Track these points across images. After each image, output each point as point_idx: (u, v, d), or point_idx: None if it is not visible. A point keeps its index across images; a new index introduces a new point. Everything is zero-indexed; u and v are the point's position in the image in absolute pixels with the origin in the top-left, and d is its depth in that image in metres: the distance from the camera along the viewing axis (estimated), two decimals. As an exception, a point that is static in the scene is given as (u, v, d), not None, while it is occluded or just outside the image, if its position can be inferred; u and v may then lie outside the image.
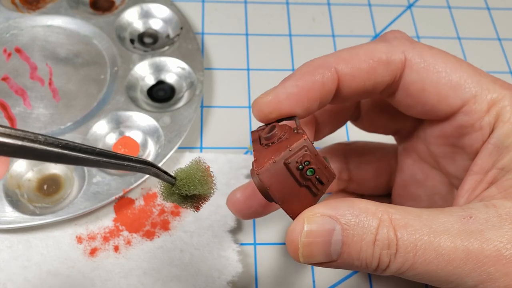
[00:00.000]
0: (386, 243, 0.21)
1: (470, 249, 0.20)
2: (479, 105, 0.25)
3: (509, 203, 0.22)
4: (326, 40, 0.49)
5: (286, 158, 0.22)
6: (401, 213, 0.21)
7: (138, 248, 0.35)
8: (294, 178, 0.22)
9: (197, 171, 0.22)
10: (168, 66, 0.43)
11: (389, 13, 0.52)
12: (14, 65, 0.42)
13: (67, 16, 0.45)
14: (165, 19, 0.46)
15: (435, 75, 0.25)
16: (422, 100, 0.26)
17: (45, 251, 0.35)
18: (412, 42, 0.27)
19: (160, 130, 0.39)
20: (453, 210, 0.22)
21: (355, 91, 0.26)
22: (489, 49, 0.50)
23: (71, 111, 0.41)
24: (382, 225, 0.21)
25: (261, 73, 0.46)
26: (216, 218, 0.37)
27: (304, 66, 0.26)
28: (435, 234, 0.21)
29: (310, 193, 0.23)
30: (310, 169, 0.22)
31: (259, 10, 0.51)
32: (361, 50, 0.26)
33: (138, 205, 0.37)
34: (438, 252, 0.20)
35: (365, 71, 0.26)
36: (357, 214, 0.21)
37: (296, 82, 0.25)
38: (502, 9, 0.54)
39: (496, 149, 0.24)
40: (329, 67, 0.25)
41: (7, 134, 0.15)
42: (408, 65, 0.26)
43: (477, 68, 0.26)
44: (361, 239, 0.21)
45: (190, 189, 0.21)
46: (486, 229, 0.21)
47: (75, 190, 0.37)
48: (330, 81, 0.25)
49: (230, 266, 0.35)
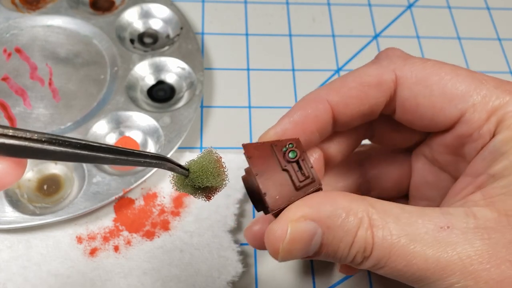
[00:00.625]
0: (363, 246, 0.22)
1: (440, 260, 0.21)
2: (478, 114, 0.25)
3: (489, 214, 0.22)
4: (326, 40, 0.49)
5: (273, 143, 0.24)
6: (381, 214, 0.22)
7: (138, 248, 0.35)
8: (277, 158, 0.23)
9: (210, 163, 0.22)
10: (168, 66, 0.43)
11: (389, 13, 0.52)
12: (14, 65, 0.42)
13: (67, 16, 0.45)
14: (165, 19, 0.46)
15: (427, 89, 0.25)
16: (418, 115, 0.26)
17: (45, 251, 0.35)
18: (404, 58, 0.27)
19: (160, 130, 0.39)
20: (433, 215, 0.22)
21: (352, 117, 0.27)
22: (489, 49, 0.50)
23: (71, 111, 0.41)
24: (361, 227, 0.22)
25: (261, 73, 0.46)
26: (216, 218, 0.37)
27: (299, 102, 0.27)
28: (410, 240, 0.21)
29: (291, 181, 0.23)
30: (293, 151, 0.23)
31: (259, 10, 0.51)
32: (350, 77, 0.27)
33: (138, 205, 0.37)
34: (408, 261, 0.21)
35: (356, 97, 0.26)
36: (339, 215, 0.22)
37: (290, 118, 0.27)
38: (502, 9, 0.54)
39: (491, 154, 0.24)
40: (321, 99, 0.27)
41: (28, 138, 0.16)
42: (400, 82, 0.26)
43: (477, 74, 0.26)
44: (340, 241, 0.22)
45: (203, 182, 0.22)
46: (460, 242, 0.21)
47: (75, 190, 0.37)
48: (323, 113, 0.26)
49: (230, 266, 0.35)
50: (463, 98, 0.25)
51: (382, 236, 0.21)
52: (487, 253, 0.21)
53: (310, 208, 0.22)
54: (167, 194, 0.38)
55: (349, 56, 0.48)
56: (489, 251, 0.21)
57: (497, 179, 0.23)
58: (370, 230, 0.22)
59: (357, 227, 0.22)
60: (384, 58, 0.27)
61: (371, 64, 0.28)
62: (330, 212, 0.22)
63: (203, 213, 0.37)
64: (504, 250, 0.21)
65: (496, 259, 0.21)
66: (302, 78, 0.46)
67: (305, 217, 0.22)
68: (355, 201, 0.22)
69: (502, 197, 0.23)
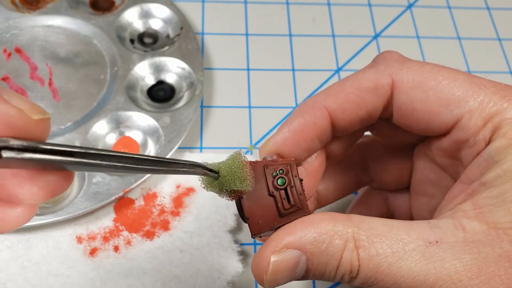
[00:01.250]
0: (349, 268, 0.22)
1: (428, 277, 0.21)
2: (474, 120, 0.24)
3: (478, 227, 0.22)
4: (326, 40, 0.49)
5: (267, 164, 0.24)
6: (367, 233, 0.22)
7: (138, 248, 0.35)
8: (266, 182, 0.23)
9: (238, 168, 0.23)
10: (168, 66, 0.43)
11: (389, 13, 0.52)
12: (14, 65, 0.42)
13: (67, 16, 0.45)
14: (165, 19, 0.46)
15: (424, 94, 0.25)
16: (414, 119, 0.26)
17: (45, 251, 0.35)
18: (401, 62, 0.27)
19: (160, 130, 0.39)
20: (421, 230, 0.22)
21: (351, 122, 0.27)
22: (489, 49, 0.50)
23: (71, 111, 0.41)
24: (347, 250, 0.22)
25: (261, 73, 0.46)
26: (216, 218, 0.37)
27: (296, 109, 0.27)
28: (397, 258, 0.21)
29: (275, 208, 0.23)
30: (282, 178, 0.23)
31: (259, 10, 0.51)
32: (347, 82, 0.27)
33: (138, 205, 0.37)
34: (396, 279, 0.21)
35: (353, 103, 0.26)
36: (323, 240, 0.22)
37: (289, 127, 0.27)
38: (502, 9, 0.54)
39: (485, 162, 0.24)
40: (318, 106, 0.27)
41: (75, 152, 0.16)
42: (396, 86, 0.26)
43: (476, 79, 0.25)
44: (325, 265, 0.22)
45: (230, 186, 0.23)
46: (448, 257, 0.21)
47: (75, 190, 0.37)
48: (321, 119, 0.26)
49: (230, 266, 0.35)
50: (459, 104, 0.25)
51: (368, 257, 0.21)
52: (476, 268, 0.21)
53: (292, 236, 0.22)
54: (167, 194, 0.38)
55: (349, 56, 0.48)
56: (479, 265, 0.21)
57: (488, 187, 0.23)
58: (356, 251, 0.22)
59: (342, 250, 0.22)
60: (381, 62, 0.27)
61: (368, 68, 0.28)
62: (313, 238, 0.22)
63: (203, 213, 0.37)
64: (494, 264, 0.21)
65: (485, 274, 0.21)
66: (302, 78, 0.46)
67: (287, 245, 0.22)
68: (340, 223, 0.22)
69: (491, 208, 0.22)
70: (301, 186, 0.24)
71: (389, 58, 0.27)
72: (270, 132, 0.42)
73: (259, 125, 0.43)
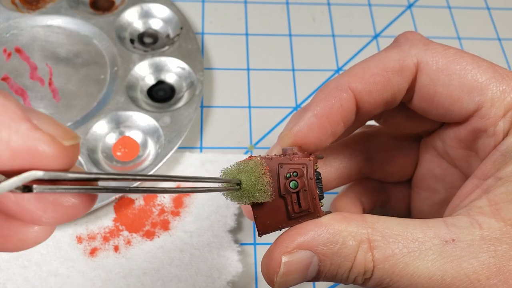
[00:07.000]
0: (362, 270, 0.21)
1: (445, 277, 0.20)
2: (495, 109, 0.24)
3: (495, 224, 0.21)
4: (326, 40, 0.49)
5: (282, 162, 0.22)
6: (382, 234, 0.21)
7: (138, 248, 0.35)
8: (278, 182, 0.22)
9: (258, 179, 0.22)
10: (168, 66, 0.43)
11: (389, 13, 0.52)
12: (14, 65, 0.42)
13: (67, 16, 0.45)
14: (165, 19, 0.46)
15: (447, 77, 0.24)
16: (434, 103, 0.25)
17: (45, 251, 0.35)
18: (425, 43, 0.26)
19: (160, 130, 0.39)
20: (437, 228, 0.21)
21: (375, 105, 0.26)
22: (489, 49, 0.50)
23: (71, 111, 0.41)
24: (361, 251, 0.21)
25: (261, 73, 0.46)
26: (216, 218, 0.37)
27: (319, 93, 0.26)
28: (413, 258, 0.21)
29: (285, 210, 0.22)
30: (294, 181, 0.22)
31: (259, 10, 0.51)
32: (372, 62, 0.25)
33: (138, 205, 0.37)
34: (413, 280, 0.21)
35: (380, 84, 0.25)
36: (336, 241, 0.21)
37: (313, 111, 0.25)
38: (502, 9, 0.54)
39: (502, 157, 0.23)
40: (343, 88, 0.25)
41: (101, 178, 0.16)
42: (420, 67, 0.25)
43: (499, 68, 0.25)
44: (338, 267, 0.21)
45: (250, 199, 0.22)
46: (466, 256, 0.20)
47: (75, 190, 0.36)
48: (347, 101, 0.25)
49: (230, 266, 0.35)
50: (482, 91, 0.24)
51: (384, 258, 0.21)
52: (494, 267, 0.20)
53: (304, 237, 0.22)
54: (167, 194, 0.38)
55: (349, 56, 0.48)
56: (497, 264, 0.20)
57: (504, 183, 0.22)
58: (371, 252, 0.21)
59: (355, 251, 0.21)
60: (405, 42, 0.26)
61: (391, 48, 0.26)
62: (326, 239, 0.21)
63: (203, 213, 0.37)
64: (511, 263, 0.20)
65: (504, 273, 0.20)
66: (302, 78, 0.46)
67: (299, 246, 0.21)
68: (353, 223, 0.22)
69: (507, 205, 0.22)
70: (315, 188, 0.22)
71: (412, 38, 0.26)
72: (270, 132, 0.42)
73: (259, 125, 0.43)
